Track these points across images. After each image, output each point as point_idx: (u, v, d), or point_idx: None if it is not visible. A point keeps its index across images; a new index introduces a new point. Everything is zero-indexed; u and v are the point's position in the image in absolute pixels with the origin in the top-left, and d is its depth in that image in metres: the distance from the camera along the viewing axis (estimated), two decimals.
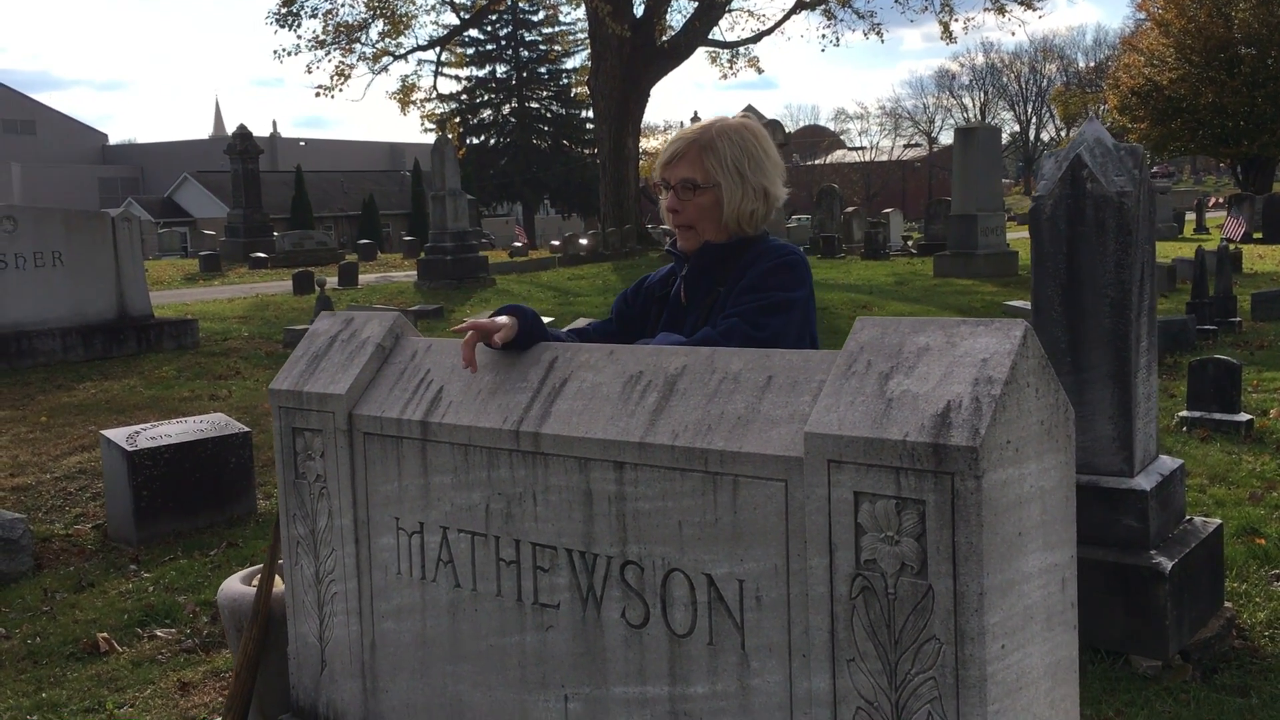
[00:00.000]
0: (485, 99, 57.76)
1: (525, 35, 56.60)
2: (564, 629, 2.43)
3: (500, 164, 55.79)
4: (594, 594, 2.36)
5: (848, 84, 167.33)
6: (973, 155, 19.56)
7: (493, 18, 51.55)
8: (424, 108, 36.10)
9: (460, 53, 46.60)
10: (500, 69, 57.21)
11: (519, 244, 40.22)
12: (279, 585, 3.39)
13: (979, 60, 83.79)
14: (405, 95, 32.98)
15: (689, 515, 2.18)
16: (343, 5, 29.61)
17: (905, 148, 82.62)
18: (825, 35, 46.21)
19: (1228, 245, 14.87)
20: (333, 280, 21.69)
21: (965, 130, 20.90)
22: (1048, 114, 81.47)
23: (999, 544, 1.83)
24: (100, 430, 6.77)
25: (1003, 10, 28.87)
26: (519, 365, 2.59)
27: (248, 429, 6.68)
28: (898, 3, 29.53)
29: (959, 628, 1.82)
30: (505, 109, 57.68)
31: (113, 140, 77.34)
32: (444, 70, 41.35)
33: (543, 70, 57.34)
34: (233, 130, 33.12)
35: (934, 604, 1.84)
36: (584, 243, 29.53)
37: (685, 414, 2.21)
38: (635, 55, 28.43)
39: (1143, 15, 44.10)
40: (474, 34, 52.70)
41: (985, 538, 1.80)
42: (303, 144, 70.15)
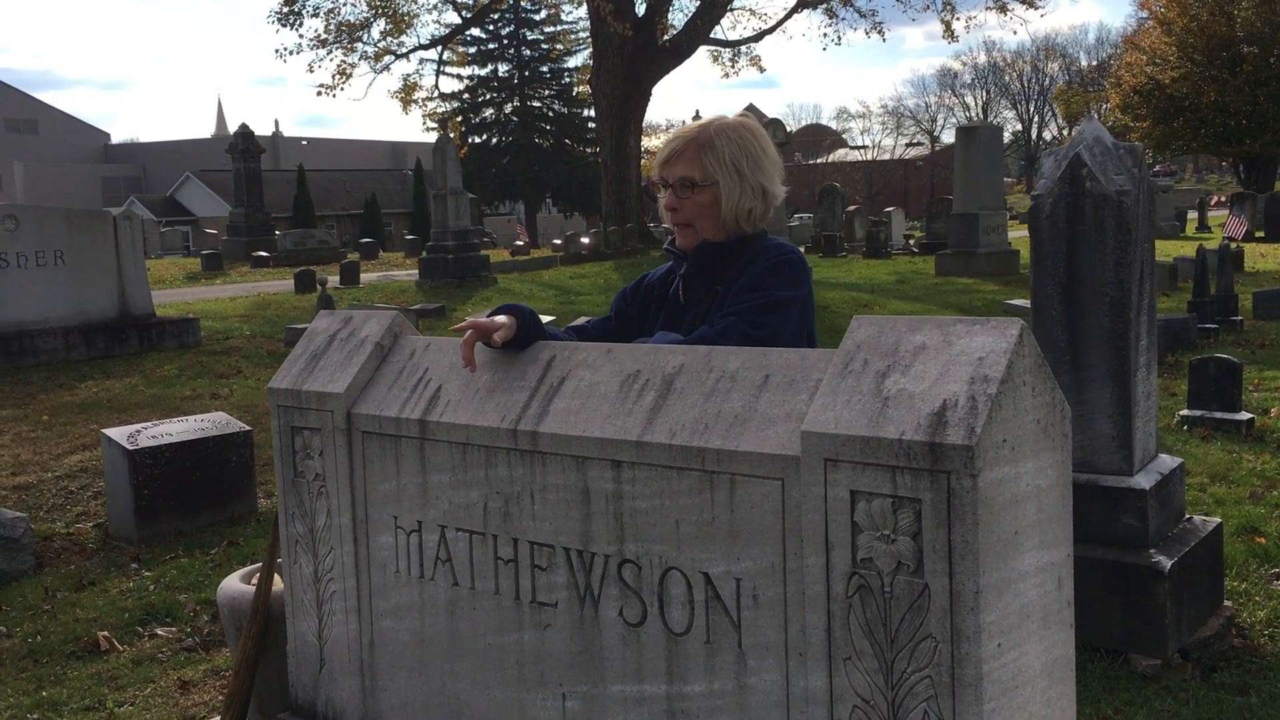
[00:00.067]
0: (487, 98, 57.79)
1: (527, 34, 56.63)
2: (562, 627, 2.43)
3: (502, 163, 55.82)
4: (591, 593, 2.36)
5: (850, 83, 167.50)
6: (974, 154, 19.55)
7: (494, 16, 51.56)
8: (426, 107, 36.10)
9: (462, 52, 46.64)
10: (502, 68, 57.25)
11: (520, 243, 40.22)
12: (278, 584, 3.39)
13: (981, 59, 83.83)
14: (407, 94, 32.98)
15: (686, 514, 2.18)
16: (344, 4, 29.67)
17: (907, 146, 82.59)
18: (827, 34, 46.33)
19: (1229, 244, 14.85)
20: (334, 279, 21.71)
21: (967, 129, 20.88)
22: (1050, 113, 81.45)
23: (995, 543, 1.83)
24: (101, 429, 6.78)
25: (1004, 9, 28.86)
26: (517, 364, 2.59)
27: (248, 428, 6.69)
28: (899, 1, 29.52)
29: (955, 626, 1.82)
30: (507, 108, 57.71)
31: (115, 139, 77.48)
32: (446, 69, 41.44)
33: (544, 69, 57.37)
34: (235, 129, 33.14)
35: (930, 603, 1.84)
36: (585, 241, 29.53)
37: (682, 413, 2.21)
38: (637, 54, 28.44)
39: (1145, 14, 44.07)
40: (476, 33, 52.71)
41: (981, 536, 1.80)
42: (305, 143, 70.22)
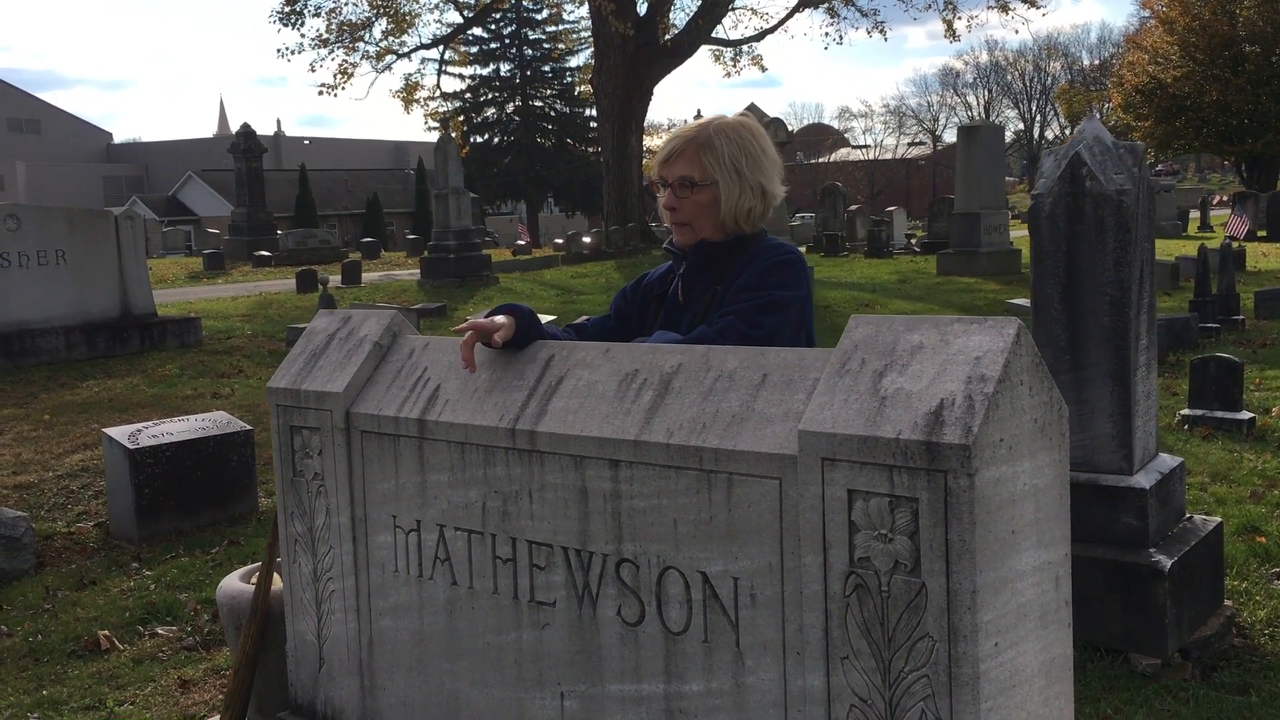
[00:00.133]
0: (489, 97, 57.82)
1: (529, 34, 56.65)
2: (560, 627, 2.43)
3: (504, 162, 55.84)
4: (590, 592, 2.36)
5: (852, 82, 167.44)
6: (976, 153, 19.55)
7: (496, 16, 51.56)
8: (428, 106, 36.10)
9: (464, 51, 46.63)
10: (504, 67, 57.28)
11: (522, 242, 40.24)
12: (277, 583, 3.40)
13: (983, 58, 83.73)
14: (409, 94, 32.98)
15: (684, 513, 2.18)
16: (346, 4, 29.68)
17: (909, 146, 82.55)
18: (828, 33, 45.98)
19: (1231, 243, 14.85)
20: (336, 279, 21.72)
21: (968, 128, 20.89)
22: (1052, 112, 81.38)
23: (992, 542, 1.83)
24: (102, 428, 6.79)
25: (1006, 8, 28.85)
26: (515, 363, 2.59)
27: (249, 427, 6.69)
28: (901, 1, 29.51)
29: (952, 625, 1.82)
30: (509, 107, 57.74)
31: (117, 139, 77.53)
32: (447, 69, 41.47)
33: (546, 68, 57.40)
34: (237, 129, 33.15)
35: (927, 602, 1.84)
36: (587, 241, 29.54)
37: (680, 412, 2.21)
38: (638, 53, 28.43)
39: (1147, 13, 44.02)
40: (478, 32, 52.74)
41: (978, 535, 1.80)
42: (307, 142, 70.24)
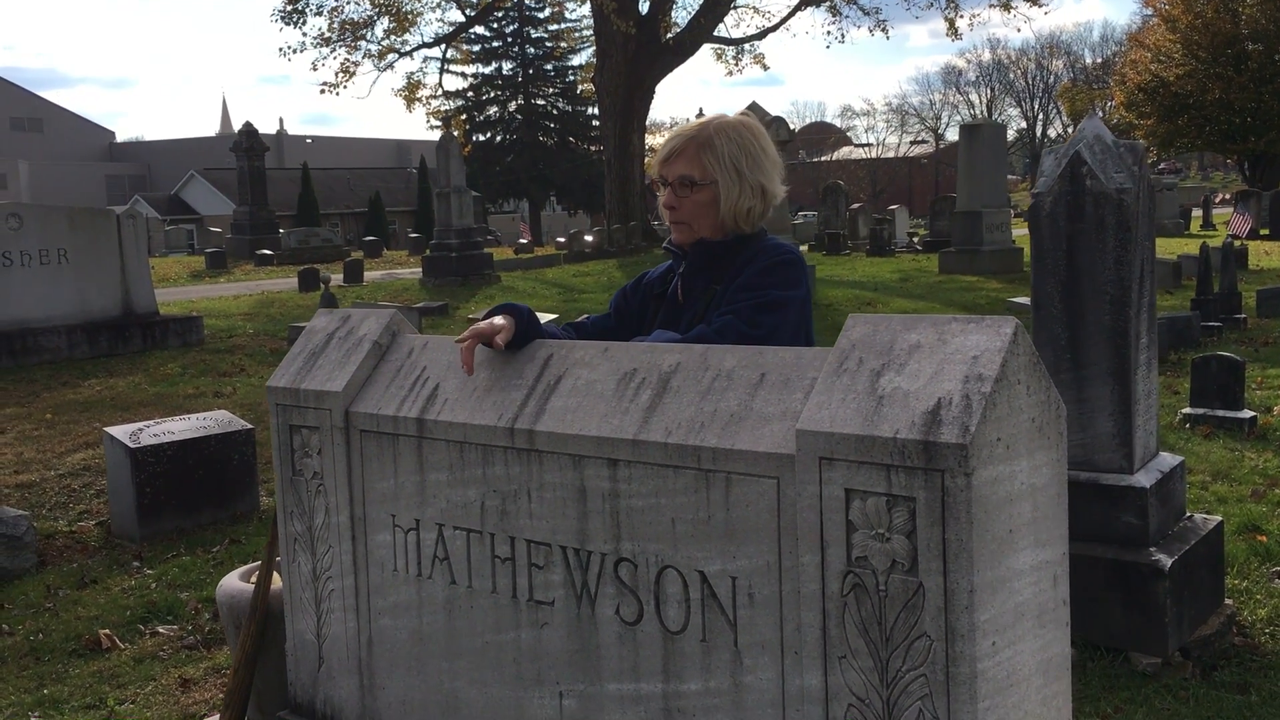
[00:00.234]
0: (491, 96, 57.78)
1: (531, 32, 56.60)
2: (559, 626, 2.43)
3: (506, 161, 55.81)
4: (588, 591, 2.36)
5: (854, 80, 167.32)
6: (978, 152, 19.54)
7: (498, 14, 51.54)
8: (430, 105, 36.16)
9: (466, 50, 46.69)
10: (506, 66, 57.24)
11: (524, 241, 40.25)
12: (277, 582, 3.40)
13: (985, 57, 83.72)
14: (411, 92, 33.01)
15: (682, 512, 2.18)
16: (348, 3, 29.72)
17: (911, 144, 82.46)
18: (830, 32, 46.25)
19: (1233, 242, 14.83)
20: (338, 277, 21.74)
21: (970, 127, 20.89)
22: (1054, 110, 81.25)
23: (989, 541, 1.83)
24: (104, 427, 6.79)
25: (1008, 6, 28.81)
26: (514, 363, 2.59)
27: (250, 426, 6.70)
28: None
29: (949, 625, 1.82)
30: (511, 106, 57.71)
31: (120, 138, 77.49)
32: (450, 67, 41.43)
33: (548, 67, 57.36)
34: (239, 127, 33.17)
35: (924, 601, 1.84)
36: (589, 239, 29.54)
37: (678, 411, 2.21)
38: (640, 52, 28.43)
39: (1150, 11, 43.96)
40: (480, 31, 52.72)
41: (975, 535, 1.80)
42: (309, 141, 70.23)
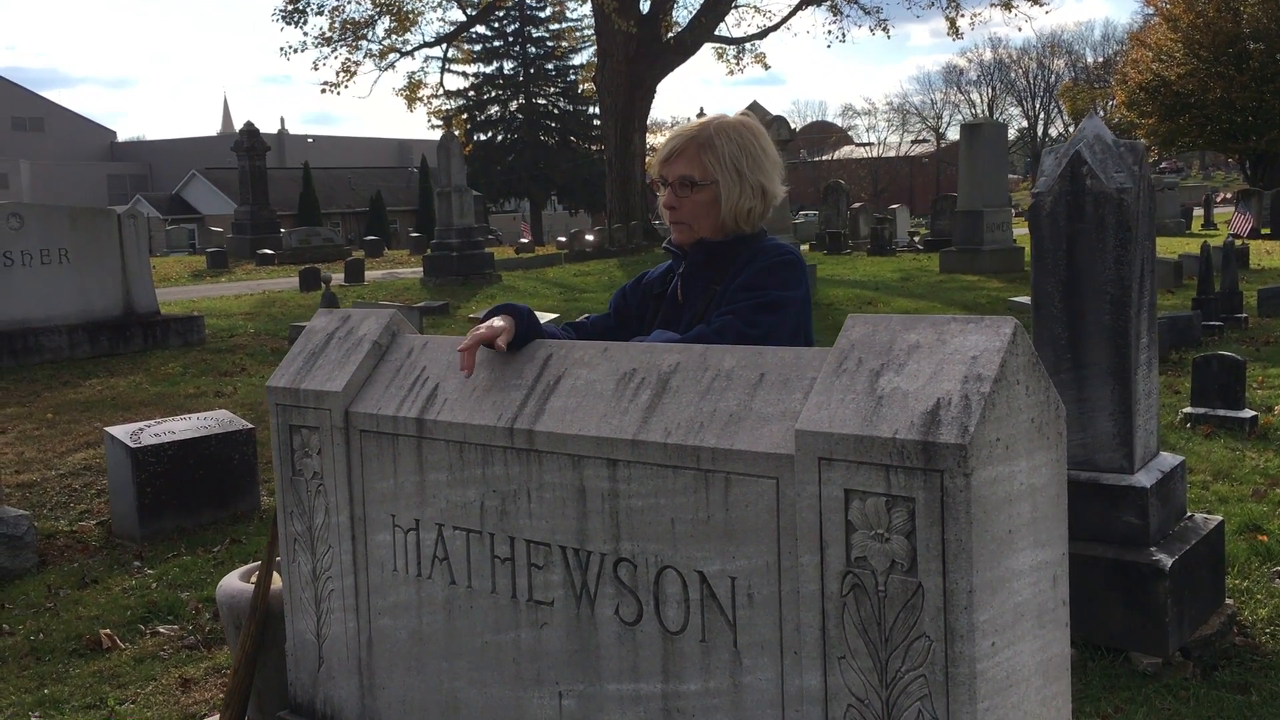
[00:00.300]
0: (492, 95, 57.76)
1: (532, 31, 56.58)
2: (558, 626, 2.43)
3: (507, 160, 55.79)
4: (588, 591, 2.36)
5: (855, 80, 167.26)
6: (979, 151, 19.54)
7: (499, 14, 51.52)
8: (431, 104, 36.18)
9: (467, 49, 46.63)
10: (507, 65, 57.21)
11: (525, 240, 40.26)
12: (277, 582, 3.40)
13: (987, 56, 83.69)
14: (412, 92, 33.03)
15: (681, 512, 2.18)
16: (349, 2, 29.70)
17: (913, 144, 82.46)
18: (831, 31, 46.03)
19: (1234, 241, 14.83)
20: (339, 277, 21.75)
21: (971, 126, 20.87)
22: (1055, 110, 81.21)
23: (989, 541, 1.83)
24: (105, 427, 6.79)
25: (1009, 5, 28.79)
26: (514, 363, 2.59)
27: (251, 426, 6.70)
28: None
29: (949, 625, 1.82)
30: (512, 105, 57.69)
31: (121, 137, 77.50)
32: (451, 67, 41.38)
33: (550, 66, 57.34)
34: (240, 127, 33.17)
35: (924, 601, 1.84)
36: (590, 239, 29.56)
37: (678, 411, 2.21)
38: (641, 51, 28.43)
39: (1151, 10, 43.92)
40: (481, 30, 52.68)
41: (975, 535, 1.80)
42: (310, 140, 70.24)
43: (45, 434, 8.45)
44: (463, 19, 35.45)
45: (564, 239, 34.07)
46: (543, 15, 56.05)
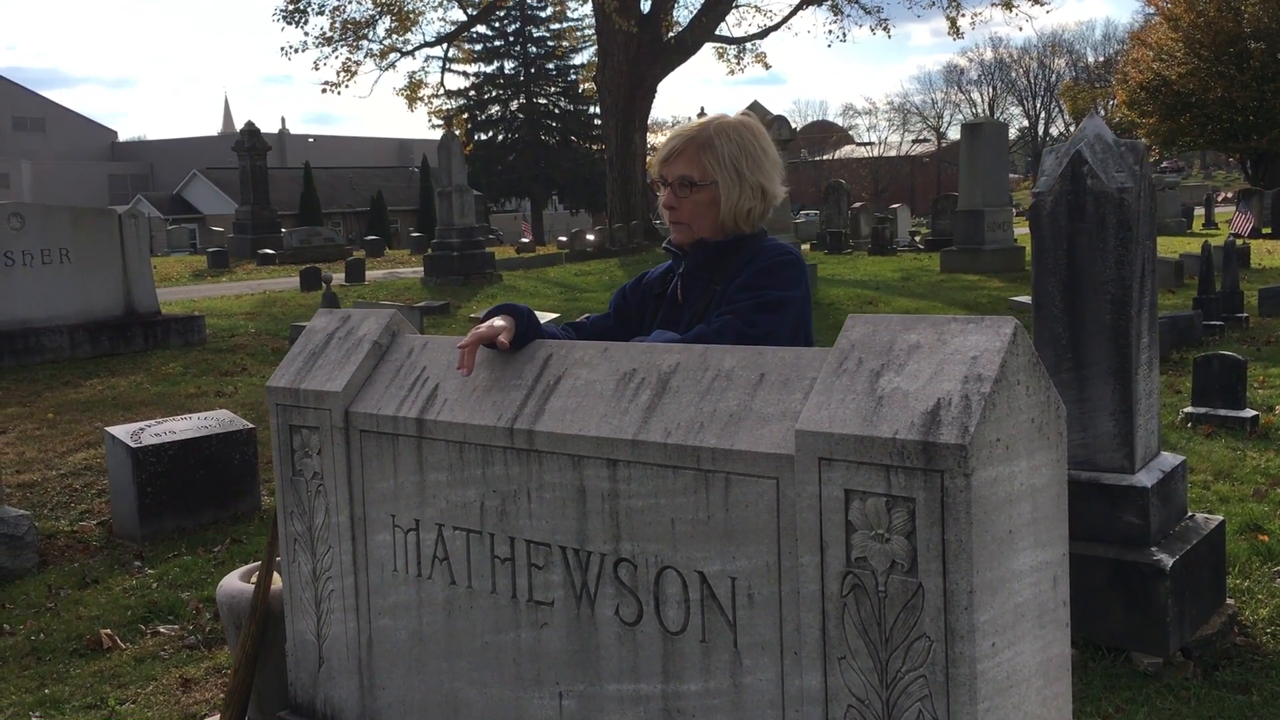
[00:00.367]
0: (493, 95, 57.76)
1: (533, 31, 56.59)
2: (558, 626, 2.43)
3: (508, 160, 55.81)
4: (588, 591, 2.36)
5: (856, 79, 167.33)
6: (980, 150, 19.53)
7: (500, 14, 51.52)
8: (432, 104, 36.16)
9: (468, 49, 46.64)
10: (508, 65, 57.21)
11: (526, 240, 40.26)
12: (277, 582, 3.40)
13: (988, 55, 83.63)
14: (413, 91, 33.03)
15: (681, 513, 2.18)
16: (350, 2, 29.69)
17: (913, 143, 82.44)
18: (832, 31, 46.06)
19: (1235, 240, 14.82)
20: (340, 277, 21.75)
21: (972, 125, 20.86)
22: (1056, 109, 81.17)
23: (989, 542, 1.83)
24: (106, 427, 6.79)
25: (1010, 5, 28.78)
26: (514, 363, 2.59)
27: (252, 426, 6.70)
28: None
29: (949, 626, 1.81)
30: (513, 105, 57.69)
31: (122, 137, 77.53)
32: (452, 66, 41.37)
33: (550, 66, 57.34)
34: (241, 127, 33.17)
35: (924, 602, 1.84)
36: (591, 239, 29.54)
37: (678, 411, 2.21)
38: (642, 51, 28.42)
39: (1152, 10, 43.90)
40: (482, 30, 52.69)
41: (975, 535, 1.79)
42: (311, 140, 70.26)
43: (46, 434, 8.45)
44: (463, 19, 35.45)
45: (565, 239, 34.07)
46: (543, 15, 56.09)
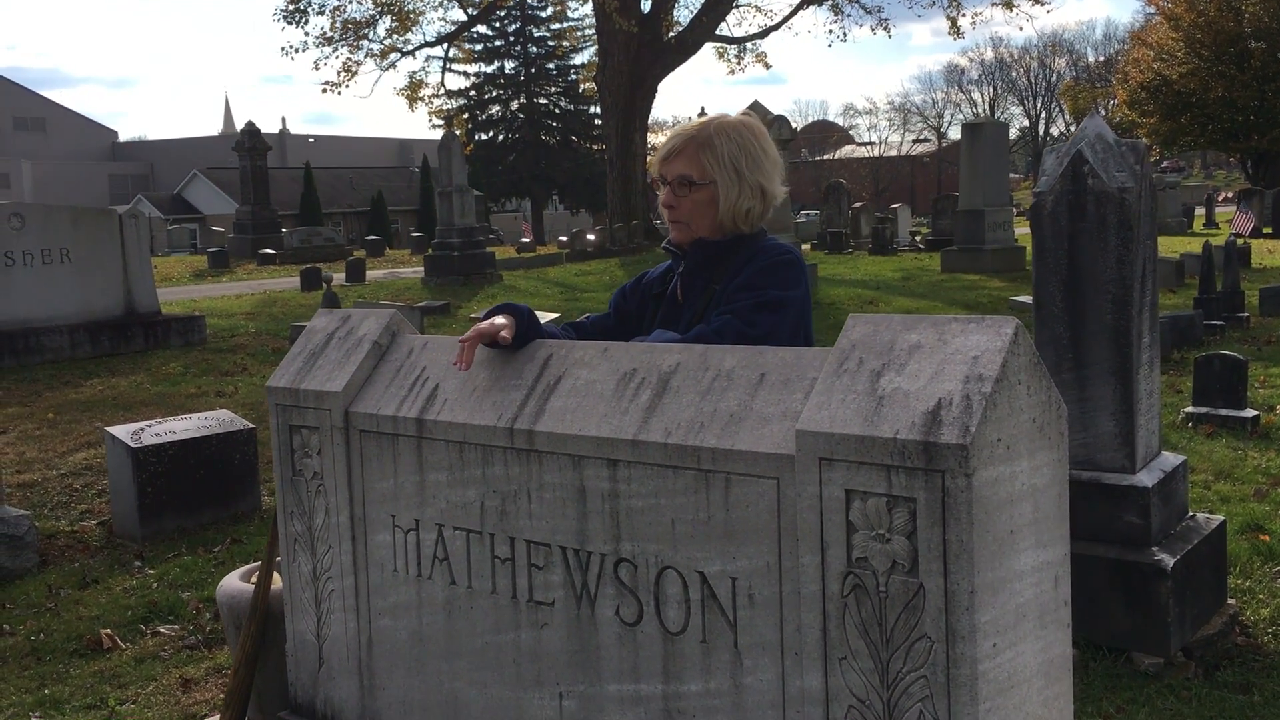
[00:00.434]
0: (493, 95, 57.75)
1: (533, 31, 56.58)
2: (558, 626, 2.43)
3: (508, 160, 55.79)
4: (588, 591, 2.36)
5: (856, 79, 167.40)
6: (980, 150, 19.52)
7: (500, 13, 51.51)
8: (432, 104, 36.14)
9: (468, 49, 46.64)
10: (508, 65, 57.20)
11: (526, 240, 40.26)
12: (277, 582, 3.40)
13: (988, 55, 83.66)
14: (413, 91, 33.03)
15: (682, 513, 2.17)
16: (350, 2, 29.69)
17: (914, 143, 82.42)
18: (832, 30, 46.14)
19: (1236, 240, 14.81)
20: (340, 277, 21.74)
21: (972, 125, 20.85)
22: (1057, 109, 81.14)
23: (990, 542, 1.82)
24: (106, 427, 6.79)
25: (1010, 5, 28.77)
26: (514, 363, 2.59)
27: (252, 426, 6.70)
28: None
29: (950, 626, 1.81)
30: (513, 105, 57.68)
31: (123, 137, 77.53)
32: (452, 66, 41.35)
33: (551, 66, 57.33)
34: (242, 127, 33.15)
35: (925, 602, 1.83)
36: (591, 238, 29.53)
37: (678, 411, 2.21)
38: (642, 51, 28.42)
39: (1152, 9, 43.87)
40: (482, 30, 52.69)
41: (976, 536, 1.79)
42: (311, 140, 70.25)
43: (46, 434, 8.45)
44: (464, 18, 35.44)
45: (565, 239, 34.05)
46: (544, 15, 56.07)
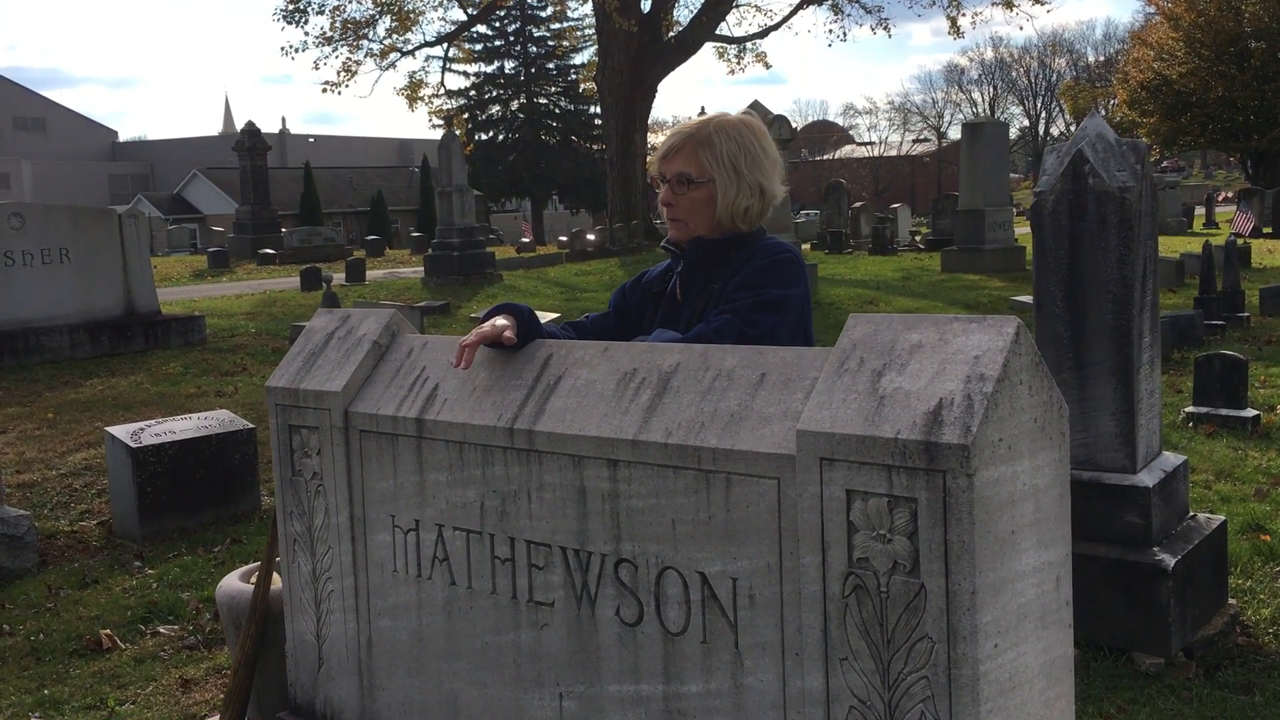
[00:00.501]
0: (493, 95, 57.74)
1: (533, 31, 56.58)
2: (559, 627, 2.42)
3: (508, 160, 55.78)
4: (588, 592, 2.35)
5: (856, 79, 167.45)
6: (980, 150, 19.51)
7: (500, 13, 51.49)
8: (432, 104, 36.11)
9: (468, 49, 46.61)
10: (508, 65, 57.20)
11: (526, 240, 40.25)
12: (277, 582, 3.39)
13: (988, 55, 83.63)
14: (413, 91, 33.01)
15: (682, 513, 2.17)
16: (350, 2, 29.68)
17: (914, 143, 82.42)
18: (832, 30, 46.00)
19: (1236, 240, 14.81)
20: (340, 276, 21.74)
21: (973, 125, 20.84)
22: (1057, 109, 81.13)
23: (991, 542, 1.82)
24: (106, 427, 6.79)
25: (1010, 4, 28.76)
26: (514, 363, 2.58)
27: (252, 426, 6.69)
28: None
29: (951, 626, 1.80)
30: (513, 105, 57.67)
31: (123, 137, 77.56)
32: (452, 66, 41.34)
33: (551, 66, 57.32)
34: (242, 127, 33.15)
35: (926, 603, 1.83)
36: (591, 238, 29.52)
37: (678, 411, 2.20)
38: (642, 51, 28.41)
39: (1152, 9, 43.87)
40: (482, 30, 52.69)
41: (977, 536, 1.79)
42: (311, 140, 70.25)
43: (46, 434, 8.45)
44: (464, 18, 35.41)
45: (565, 238, 34.05)
46: (544, 14, 56.07)
